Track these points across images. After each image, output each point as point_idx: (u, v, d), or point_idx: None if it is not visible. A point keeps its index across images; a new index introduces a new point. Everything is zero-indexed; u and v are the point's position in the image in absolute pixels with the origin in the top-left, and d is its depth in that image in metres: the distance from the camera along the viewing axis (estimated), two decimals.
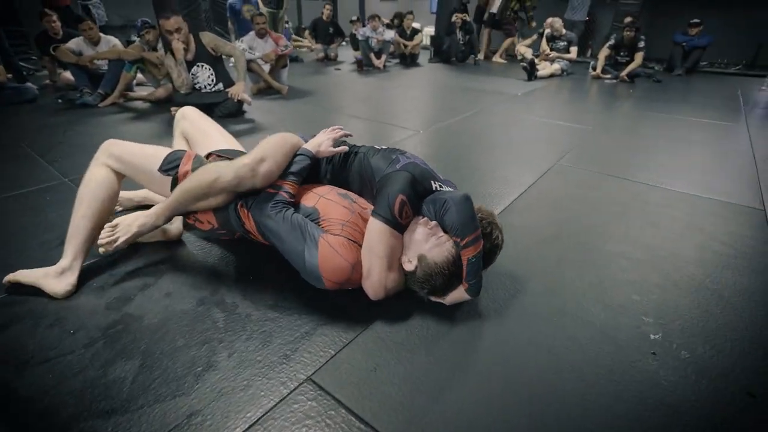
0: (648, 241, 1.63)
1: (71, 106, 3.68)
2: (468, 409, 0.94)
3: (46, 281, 1.27)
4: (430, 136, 3.00)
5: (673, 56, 6.18)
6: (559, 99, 4.49)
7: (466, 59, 6.94)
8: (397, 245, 1.17)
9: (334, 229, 1.17)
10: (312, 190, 1.30)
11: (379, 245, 1.14)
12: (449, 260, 1.12)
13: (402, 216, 1.14)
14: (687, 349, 1.11)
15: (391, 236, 1.14)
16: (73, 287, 1.29)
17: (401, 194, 1.14)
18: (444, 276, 1.12)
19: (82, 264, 1.33)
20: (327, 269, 1.11)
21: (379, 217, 1.14)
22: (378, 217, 1.15)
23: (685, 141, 2.94)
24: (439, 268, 1.12)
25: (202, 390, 0.98)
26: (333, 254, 1.11)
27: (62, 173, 2.23)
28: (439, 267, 1.12)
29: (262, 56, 4.25)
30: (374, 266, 1.14)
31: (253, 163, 1.20)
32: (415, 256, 1.15)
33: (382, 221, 1.14)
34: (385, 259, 1.14)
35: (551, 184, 2.17)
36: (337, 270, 1.12)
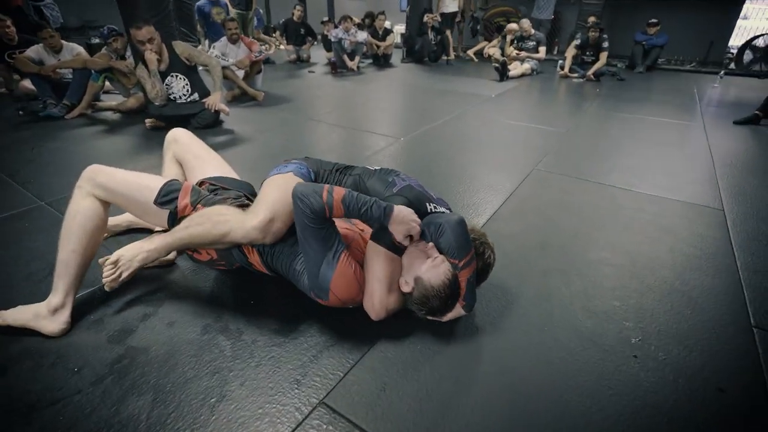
0: (626, 246, 1.75)
1: (35, 119, 3.52)
2: (475, 421, 1.01)
3: (38, 322, 1.24)
4: (410, 143, 3.06)
5: (635, 54, 6.50)
6: (531, 100, 4.65)
7: (439, 59, 7.04)
8: (397, 268, 1.22)
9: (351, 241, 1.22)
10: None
11: (379, 268, 1.19)
12: (445, 283, 1.16)
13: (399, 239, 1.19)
14: (664, 351, 1.22)
15: (390, 259, 1.19)
16: (68, 325, 1.26)
17: None
18: (440, 298, 1.16)
19: (74, 298, 1.31)
20: (339, 285, 1.14)
21: (378, 241, 1.19)
22: (377, 241, 1.20)
23: (649, 141, 3.13)
24: (436, 291, 1.16)
25: (219, 422, 1.00)
26: (350, 273, 1.15)
27: (38, 196, 2.15)
28: (435, 289, 1.16)
29: (236, 62, 4.19)
30: (375, 289, 1.19)
31: (262, 226, 1.20)
32: (412, 278, 1.20)
33: (381, 245, 1.19)
34: (385, 282, 1.19)
35: (531, 191, 2.28)
36: (348, 289, 1.16)
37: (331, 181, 1.39)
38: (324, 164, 1.43)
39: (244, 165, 2.51)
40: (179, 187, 1.35)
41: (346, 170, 1.42)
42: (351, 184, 1.37)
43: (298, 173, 1.33)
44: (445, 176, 2.45)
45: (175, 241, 1.27)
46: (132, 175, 1.37)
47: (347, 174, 1.41)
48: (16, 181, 2.33)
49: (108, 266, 1.26)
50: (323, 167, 1.42)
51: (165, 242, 1.27)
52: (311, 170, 1.38)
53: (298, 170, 1.34)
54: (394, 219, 1.15)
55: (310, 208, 1.10)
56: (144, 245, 1.29)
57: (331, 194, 1.12)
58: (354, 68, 6.04)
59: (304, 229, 1.14)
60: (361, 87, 5.11)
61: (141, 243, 1.31)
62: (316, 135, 3.28)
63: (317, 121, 3.61)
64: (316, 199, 1.11)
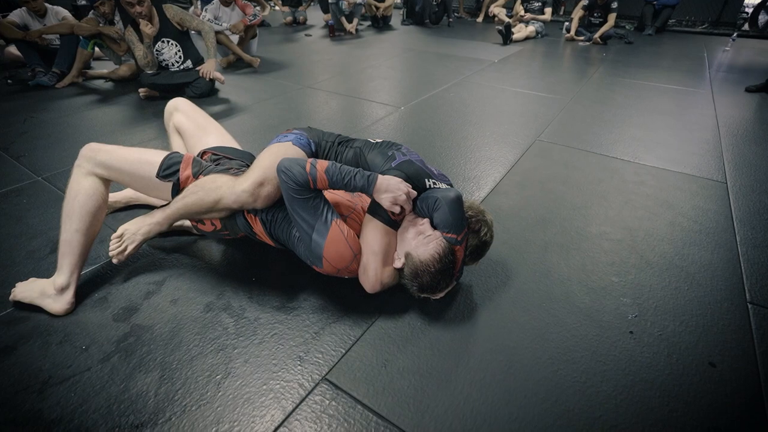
0: (626, 220, 1.75)
1: (24, 88, 3.43)
2: (473, 396, 1.05)
3: (44, 301, 1.27)
4: (410, 112, 2.99)
5: (645, 15, 6.24)
6: (535, 66, 4.50)
7: (440, 21, 6.76)
8: (392, 241, 1.23)
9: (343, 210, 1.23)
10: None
11: (374, 241, 1.19)
12: (435, 258, 1.15)
13: (395, 213, 1.19)
14: (659, 327, 1.24)
15: (385, 233, 1.20)
16: (72, 305, 1.29)
17: None
18: (430, 273, 1.16)
19: (79, 278, 1.32)
20: (331, 252, 1.15)
21: (374, 214, 1.20)
22: (373, 215, 1.20)
23: (655, 110, 3.05)
24: (425, 266, 1.16)
25: (224, 397, 1.04)
26: (341, 240, 1.15)
27: (33, 170, 2.13)
28: (425, 264, 1.16)
29: (229, 27, 4.02)
30: (370, 262, 1.20)
31: (252, 189, 1.21)
32: (403, 254, 1.21)
33: (377, 218, 1.20)
34: (380, 255, 1.20)
35: (533, 163, 2.25)
36: (339, 255, 1.16)
37: (331, 152, 1.37)
38: (326, 135, 1.41)
39: (242, 135, 2.47)
40: (180, 159, 1.35)
41: (347, 142, 1.40)
42: (351, 156, 1.35)
43: (297, 143, 1.32)
44: (445, 148, 2.41)
45: (173, 212, 1.30)
46: (132, 151, 1.36)
47: (348, 146, 1.38)
48: (10, 155, 2.30)
49: (114, 240, 1.30)
50: (325, 138, 1.40)
51: (165, 214, 1.31)
52: (312, 141, 1.36)
53: (298, 140, 1.33)
54: (378, 188, 1.16)
55: (294, 181, 1.12)
56: (146, 219, 1.34)
57: (314, 166, 1.14)
58: (352, 31, 5.81)
59: (291, 201, 1.16)
60: (359, 52, 4.93)
61: (143, 217, 1.35)
62: (314, 104, 3.21)
63: (315, 89, 3.52)
64: (299, 171, 1.12)
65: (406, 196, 1.17)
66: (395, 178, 1.18)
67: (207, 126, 1.62)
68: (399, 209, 1.18)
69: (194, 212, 1.28)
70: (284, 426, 0.98)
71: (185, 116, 1.63)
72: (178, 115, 1.64)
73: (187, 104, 1.66)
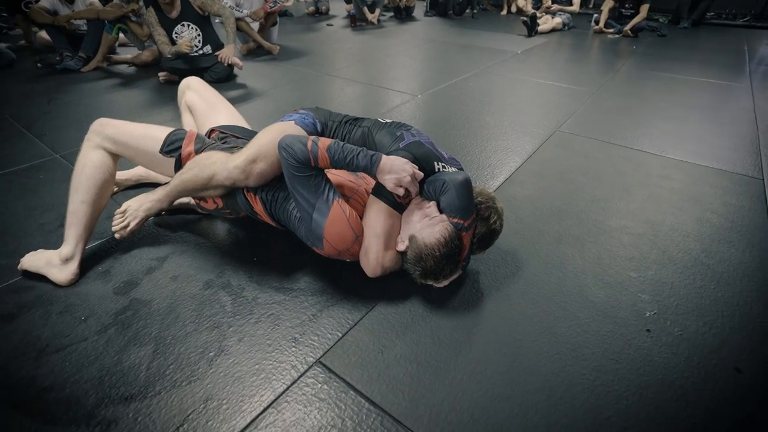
0: (648, 214, 1.65)
1: (52, 71, 3.52)
2: (472, 388, 0.99)
3: (49, 270, 1.28)
4: (427, 100, 2.92)
5: (681, 6, 5.92)
6: (560, 57, 4.34)
7: (464, 12, 6.62)
8: (396, 224, 1.18)
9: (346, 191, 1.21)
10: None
11: (377, 224, 1.15)
12: (440, 242, 1.10)
13: (401, 196, 1.14)
14: (680, 326, 1.15)
15: (389, 215, 1.15)
16: (76, 275, 1.29)
17: None
18: (434, 258, 1.10)
19: (84, 249, 1.33)
20: (332, 233, 1.11)
21: (379, 195, 1.15)
22: (377, 196, 1.16)
23: (687, 105, 2.89)
24: (429, 249, 1.10)
25: (215, 375, 1.01)
26: (343, 220, 1.11)
27: (52, 148, 2.17)
28: (429, 248, 1.10)
29: (250, 14, 4.02)
30: (372, 244, 1.15)
31: (244, 165, 1.18)
32: (407, 236, 1.16)
33: (381, 200, 1.15)
34: (382, 238, 1.15)
35: (552, 153, 2.15)
36: (341, 236, 1.12)
37: (339, 132, 1.33)
38: (334, 115, 1.37)
39: (258, 119, 2.46)
40: (183, 136, 1.34)
41: (355, 122, 1.36)
42: (359, 136, 1.30)
43: (300, 122, 1.29)
44: (461, 136, 2.34)
45: (172, 189, 1.30)
46: (139, 127, 1.37)
47: (356, 125, 1.34)
48: (33, 133, 2.35)
49: (117, 216, 1.32)
50: (332, 118, 1.36)
51: (165, 191, 1.32)
52: (318, 121, 1.32)
53: (302, 120, 1.30)
54: (381, 168, 1.11)
55: (294, 158, 1.08)
56: (149, 196, 1.35)
57: (316, 144, 1.10)
58: (374, 21, 5.75)
59: (292, 179, 1.12)
60: (380, 41, 4.87)
61: (146, 194, 1.36)
62: (330, 90, 3.17)
63: (333, 76, 3.48)
64: (300, 148, 1.09)
65: (411, 178, 1.12)
66: (400, 158, 1.13)
67: (217, 105, 1.61)
68: (403, 191, 1.13)
69: (191, 189, 1.27)
70: (273, 407, 0.95)
71: (197, 94, 1.62)
72: (190, 94, 1.63)
73: (199, 83, 1.66)
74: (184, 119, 1.67)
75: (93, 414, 0.92)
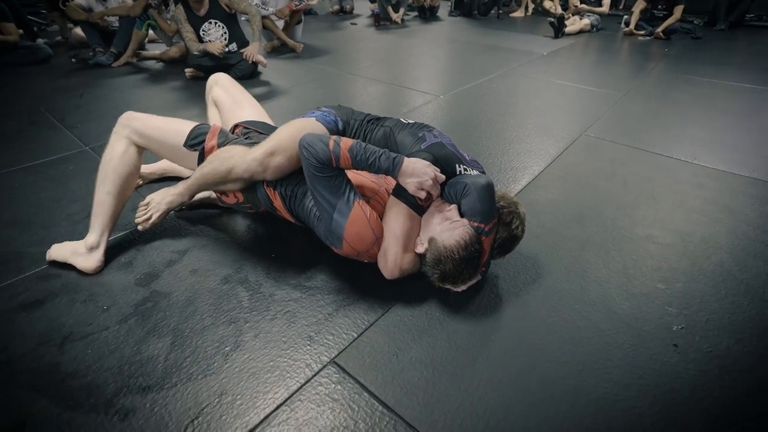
0: (678, 224, 1.58)
1: (85, 66, 3.64)
2: (488, 396, 0.97)
3: (76, 259, 1.31)
4: (450, 101, 2.89)
5: (718, 7, 5.66)
6: (588, 59, 4.23)
7: (489, 12, 6.53)
8: (416, 226, 1.16)
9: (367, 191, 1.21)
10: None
11: (397, 225, 1.13)
12: (460, 245, 1.07)
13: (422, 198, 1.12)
14: (710, 342, 1.10)
15: (409, 217, 1.14)
16: (102, 263, 1.33)
17: None
18: (454, 261, 1.08)
19: (109, 239, 1.36)
20: (352, 233, 1.11)
21: (399, 197, 1.14)
22: (398, 197, 1.14)
23: (722, 111, 2.77)
24: (449, 252, 1.08)
25: (231, 370, 1.02)
26: (363, 221, 1.11)
27: (82, 140, 2.24)
28: (449, 251, 1.08)
29: (275, 12, 4.07)
30: (390, 246, 1.14)
31: (263, 158, 1.19)
32: (426, 238, 1.14)
33: (402, 201, 1.13)
34: (401, 240, 1.14)
35: (577, 158, 2.10)
36: (361, 237, 1.11)
37: (360, 131, 1.32)
38: (356, 114, 1.37)
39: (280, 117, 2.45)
40: (207, 130, 1.37)
41: (377, 121, 1.35)
42: (381, 135, 1.29)
43: (321, 119, 1.29)
44: (483, 137, 2.30)
45: (192, 182, 1.33)
46: (165, 121, 1.40)
47: (378, 125, 1.33)
48: (65, 126, 2.44)
49: (141, 208, 1.35)
50: (354, 117, 1.35)
51: (186, 185, 1.34)
52: (340, 119, 1.32)
53: (323, 117, 1.30)
54: (403, 171, 1.09)
55: (316, 158, 1.08)
56: (170, 190, 1.38)
57: (338, 144, 1.09)
58: (398, 21, 5.73)
59: (312, 179, 1.11)
60: (403, 40, 4.85)
61: (168, 188, 1.39)
62: (353, 89, 3.18)
63: (356, 75, 3.48)
64: (322, 148, 1.08)
65: (433, 181, 1.10)
66: (422, 161, 1.12)
67: (243, 101, 1.64)
68: (425, 194, 1.11)
69: (211, 182, 1.29)
70: (286, 405, 0.95)
71: (224, 90, 1.66)
72: (217, 89, 1.67)
73: (227, 79, 1.70)
74: (210, 113, 1.70)
75: (112, 402, 0.94)
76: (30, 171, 1.94)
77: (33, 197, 1.73)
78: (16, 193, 1.77)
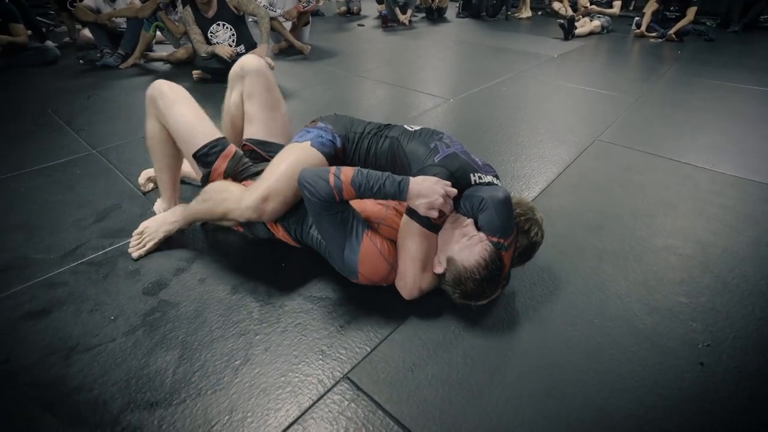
0: (699, 234, 1.54)
1: (92, 68, 3.64)
2: (507, 415, 0.93)
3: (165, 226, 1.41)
4: (459, 105, 2.85)
5: (731, 8, 5.57)
6: (598, 62, 4.17)
7: (498, 14, 6.48)
8: (432, 245, 1.12)
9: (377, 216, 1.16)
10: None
11: (414, 246, 1.09)
12: (480, 264, 1.03)
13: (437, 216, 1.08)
14: (738, 361, 1.06)
15: (425, 237, 1.09)
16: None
17: None
18: (475, 280, 1.04)
19: (177, 200, 1.51)
20: (366, 265, 1.08)
21: (414, 216, 1.08)
22: (412, 217, 1.09)
23: (739, 115, 2.71)
24: (469, 273, 1.04)
25: (241, 385, 0.99)
26: (375, 253, 1.08)
27: (90, 143, 2.22)
28: (469, 271, 1.04)
29: (283, 13, 4.04)
30: (408, 268, 1.10)
31: (256, 205, 1.18)
32: (444, 258, 1.09)
33: (417, 221, 1.08)
34: (419, 262, 1.09)
35: (592, 164, 2.05)
36: (375, 269, 1.09)
37: (362, 144, 1.28)
38: (356, 124, 1.32)
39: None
40: (222, 150, 1.32)
41: (380, 131, 1.30)
42: (387, 147, 1.25)
43: (317, 144, 1.23)
44: (494, 142, 2.26)
45: (190, 215, 1.36)
46: (188, 115, 1.33)
47: (383, 135, 1.28)
48: (72, 128, 2.42)
49: (135, 237, 1.36)
50: (354, 128, 1.30)
51: (184, 215, 1.38)
52: (338, 135, 1.27)
53: (318, 142, 1.24)
54: (411, 193, 1.03)
55: (318, 196, 1.03)
56: (168, 217, 1.41)
57: (338, 177, 1.03)
58: (405, 22, 5.69)
59: (318, 217, 1.08)
60: (411, 42, 4.82)
61: (165, 215, 1.42)
62: (361, 91, 3.14)
63: (363, 77, 3.45)
64: (322, 186, 1.02)
65: (444, 199, 1.04)
66: (430, 178, 1.06)
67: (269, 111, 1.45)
68: (437, 213, 1.05)
69: (208, 219, 1.33)
70: (299, 423, 0.91)
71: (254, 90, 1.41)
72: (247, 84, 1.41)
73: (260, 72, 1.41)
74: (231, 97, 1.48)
75: (118, 419, 0.91)
76: (37, 174, 1.92)
77: (40, 201, 1.72)
78: (23, 196, 1.75)
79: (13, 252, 1.42)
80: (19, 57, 3.64)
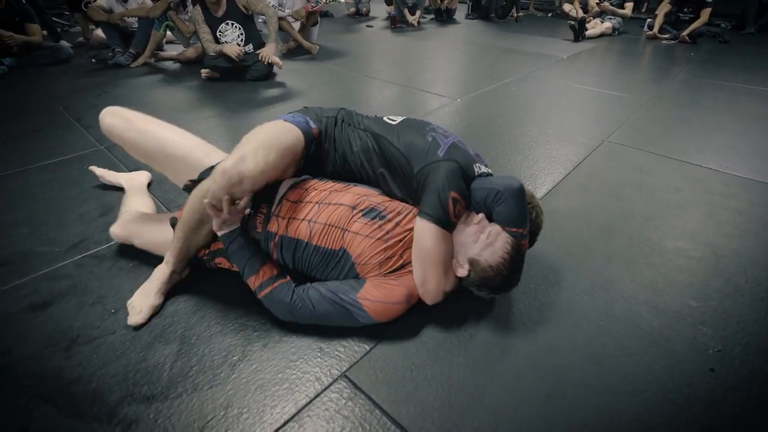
0: (710, 237, 1.50)
1: (104, 66, 3.68)
2: (507, 418, 0.91)
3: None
4: (467, 105, 2.83)
5: (747, 9, 5.46)
6: (609, 63, 4.12)
7: (507, 15, 6.45)
8: (450, 245, 1.09)
9: (371, 272, 1.08)
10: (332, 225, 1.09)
11: (434, 251, 1.04)
12: (506, 259, 1.02)
13: (455, 215, 1.05)
14: (750, 368, 1.02)
15: (442, 239, 1.05)
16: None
17: (453, 191, 1.04)
18: (503, 276, 1.04)
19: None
20: (379, 315, 1.05)
21: (430, 218, 1.03)
22: (429, 218, 1.03)
23: (753, 117, 2.64)
24: (496, 270, 1.03)
25: (238, 381, 0.98)
26: (383, 306, 1.04)
27: (98, 140, 2.24)
28: (495, 269, 1.03)
29: (292, 13, 4.06)
30: (430, 274, 1.06)
31: (232, 167, 1.00)
32: (466, 260, 1.07)
33: (434, 223, 1.03)
34: (440, 265, 1.06)
35: (600, 165, 2.02)
36: (389, 312, 1.06)
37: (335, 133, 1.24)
38: (325, 111, 1.29)
39: None
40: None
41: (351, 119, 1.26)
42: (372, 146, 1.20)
43: (288, 118, 1.19)
44: (502, 142, 2.24)
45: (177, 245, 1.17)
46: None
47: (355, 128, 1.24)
48: (81, 125, 2.45)
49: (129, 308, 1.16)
50: (324, 114, 1.27)
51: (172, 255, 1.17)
52: (310, 119, 1.22)
53: (292, 118, 1.19)
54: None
55: (283, 312, 1.08)
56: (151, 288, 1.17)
57: (291, 285, 1.09)
58: (414, 23, 5.69)
59: (312, 311, 1.06)
60: (420, 43, 4.81)
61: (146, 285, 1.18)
62: (367, 91, 3.14)
63: (371, 77, 3.45)
64: (282, 307, 1.07)
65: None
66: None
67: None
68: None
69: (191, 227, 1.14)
70: (295, 420, 0.90)
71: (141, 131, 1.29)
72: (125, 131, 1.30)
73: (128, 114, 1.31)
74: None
75: (115, 412, 0.91)
76: (45, 169, 1.95)
77: (47, 196, 1.73)
78: (31, 191, 1.77)
79: (17, 245, 1.43)
80: (34, 56, 3.70)
